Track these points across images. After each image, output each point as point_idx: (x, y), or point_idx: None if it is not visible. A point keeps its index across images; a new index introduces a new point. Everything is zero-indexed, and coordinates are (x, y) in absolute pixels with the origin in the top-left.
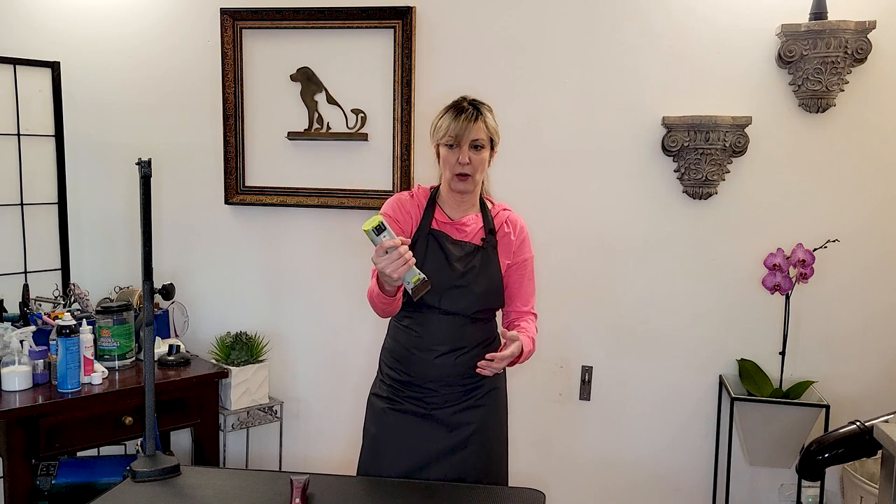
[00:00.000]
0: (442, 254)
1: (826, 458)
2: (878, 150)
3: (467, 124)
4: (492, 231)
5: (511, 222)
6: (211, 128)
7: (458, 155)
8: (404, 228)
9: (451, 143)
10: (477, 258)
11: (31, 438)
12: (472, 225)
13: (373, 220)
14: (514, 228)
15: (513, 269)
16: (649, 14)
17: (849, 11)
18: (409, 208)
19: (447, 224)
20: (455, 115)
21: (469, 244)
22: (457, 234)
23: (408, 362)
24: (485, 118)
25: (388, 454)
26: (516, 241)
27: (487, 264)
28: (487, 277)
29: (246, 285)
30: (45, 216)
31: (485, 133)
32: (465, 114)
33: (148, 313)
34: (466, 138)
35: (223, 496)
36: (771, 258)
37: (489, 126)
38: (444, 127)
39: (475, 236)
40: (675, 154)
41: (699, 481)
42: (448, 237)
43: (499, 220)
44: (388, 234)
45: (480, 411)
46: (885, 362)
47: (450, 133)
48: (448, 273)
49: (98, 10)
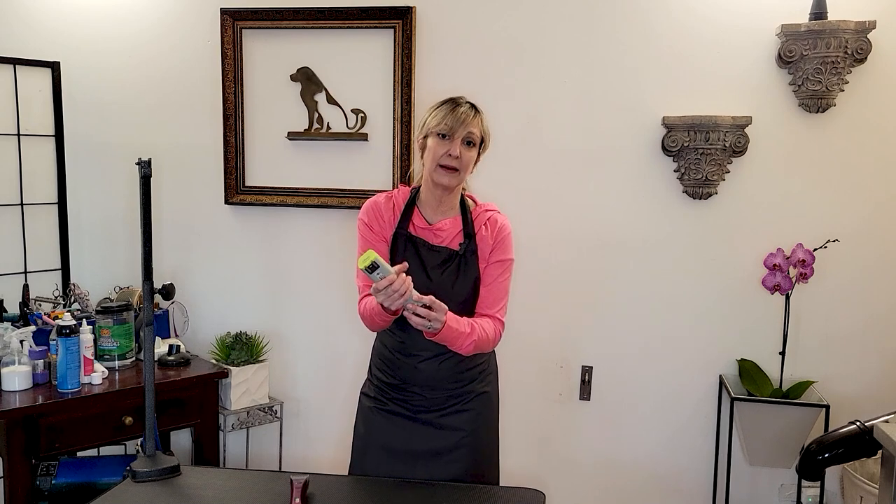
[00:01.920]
0: (418, 261)
1: (826, 458)
2: (878, 150)
3: (465, 117)
4: (470, 235)
5: (491, 223)
6: (211, 128)
7: (450, 147)
8: (382, 236)
9: (444, 133)
10: (454, 264)
11: (31, 438)
12: (449, 229)
13: (365, 259)
14: (492, 229)
15: (485, 269)
16: (649, 14)
17: (849, 11)
18: (385, 213)
19: (424, 229)
20: (452, 107)
21: (446, 249)
22: (434, 238)
23: (393, 366)
24: (481, 116)
25: (375, 453)
26: (493, 243)
27: (465, 270)
28: (465, 284)
29: (246, 285)
30: (45, 216)
31: (479, 130)
32: (464, 108)
33: (148, 313)
34: (462, 131)
35: (223, 496)
36: (771, 258)
37: (483, 125)
38: (439, 116)
39: (453, 241)
40: (675, 154)
41: (699, 481)
42: (424, 242)
43: (479, 221)
44: (383, 271)
45: (468, 416)
46: (885, 362)
47: (446, 122)
48: (425, 282)
49: (98, 10)
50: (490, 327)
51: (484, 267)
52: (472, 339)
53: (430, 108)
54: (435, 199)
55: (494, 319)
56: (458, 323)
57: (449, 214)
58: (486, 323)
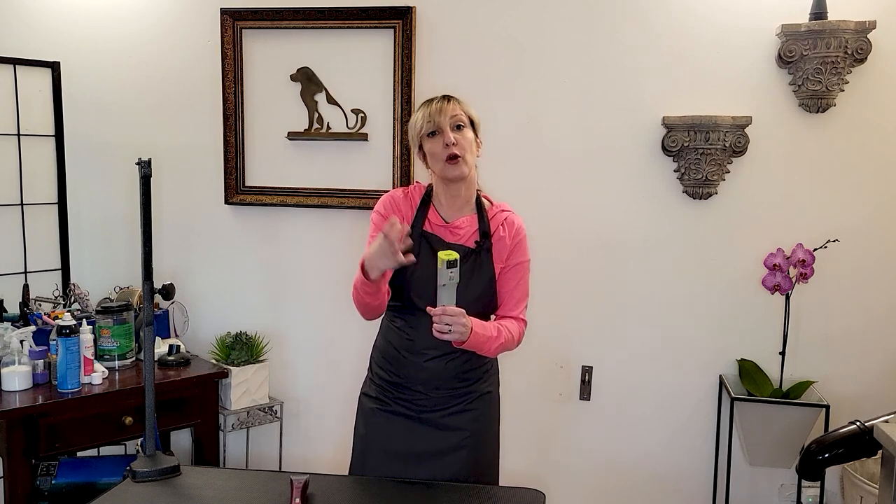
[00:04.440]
0: (433, 258)
1: (826, 458)
2: (878, 149)
3: (440, 105)
4: (486, 234)
5: (508, 224)
6: (211, 128)
7: (443, 139)
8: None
9: (432, 131)
10: (469, 262)
11: (31, 438)
12: (467, 227)
13: (449, 254)
14: (509, 231)
15: (504, 273)
16: (649, 14)
17: (849, 11)
18: (402, 207)
19: (440, 227)
20: (426, 104)
21: (462, 247)
22: (450, 236)
23: (398, 364)
24: (457, 101)
25: (376, 454)
26: (511, 245)
27: (480, 268)
28: (480, 282)
29: (246, 285)
30: (45, 216)
31: (461, 111)
32: (436, 100)
33: (148, 313)
34: (444, 120)
35: (223, 496)
36: (771, 258)
37: (463, 107)
38: (420, 118)
39: (469, 239)
40: (675, 154)
41: (699, 481)
42: (440, 240)
43: (495, 221)
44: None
45: (471, 416)
46: (885, 362)
47: (426, 119)
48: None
49: (98, 10)
50: (515, 328)
51: (501, 269)
52: (499, 341)
53: (412, 120)
54: (450, 196)
55: (518, 320)
56: (485, 328)
57: (465, 212)
58: (510, 324)
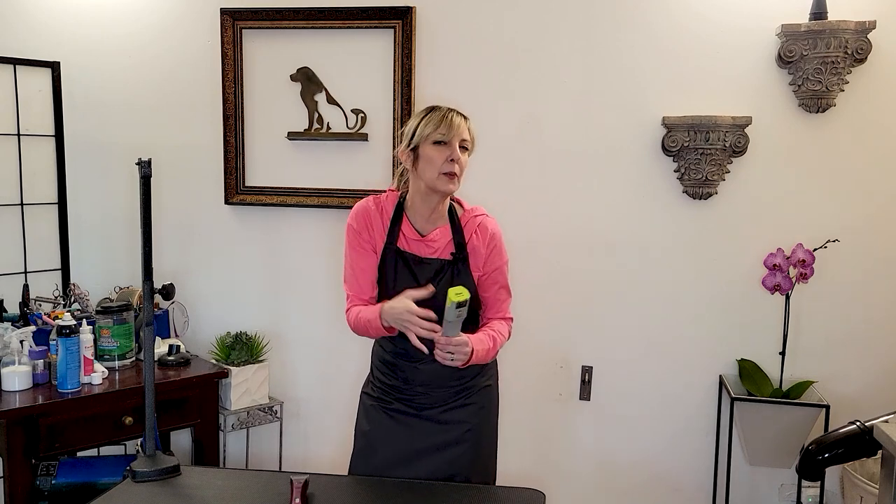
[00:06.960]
0: (411, 276)
1: (826, 458)
2: (879, 149)
3: (459, 121)
4: (461, 244)
5: (481, 230)
6: (211, 128)
7: (450, 152)
8: (371, 244)
9: (441, 140)
10: (447, 274)
11: (31, 438)
12: (440, 239)
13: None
14: (483, 237)
15: (484, 279)
16: (649, 14)
17: (849, 11)
18: (374, 221)
19: (416, 241)
20: (442, 113)
21: (437, 260)
22: (425, 250)
23: (395, 368)
24: (468, 122)
25: (378, 451)
26: (486, 252)
27: (459, 278)
28: None
29: (246, 285)
30: (45, 216)
31: (469, 136)
32: (453, 113)
33: (148, 313)
34: (458, 135)
35: (223, 496)
36: (771, 258)
37: (472, 129)
38: (433, 124)
39: (444, 251)
40: (675, 154)
41: (699, 481)
42: (414, 257)
43: (469, 228)
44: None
45: (472, 409)
46: (885, 362)
47: (441, 129)
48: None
49: (98, 10)
50: (504, 328)
51: (479, 276)
52: (495, 349)
53: (415, 118)
54: (429, 208)
55: (505, 319)
56: (482, 342)
57: (439, 223)
58: (499, 326)
